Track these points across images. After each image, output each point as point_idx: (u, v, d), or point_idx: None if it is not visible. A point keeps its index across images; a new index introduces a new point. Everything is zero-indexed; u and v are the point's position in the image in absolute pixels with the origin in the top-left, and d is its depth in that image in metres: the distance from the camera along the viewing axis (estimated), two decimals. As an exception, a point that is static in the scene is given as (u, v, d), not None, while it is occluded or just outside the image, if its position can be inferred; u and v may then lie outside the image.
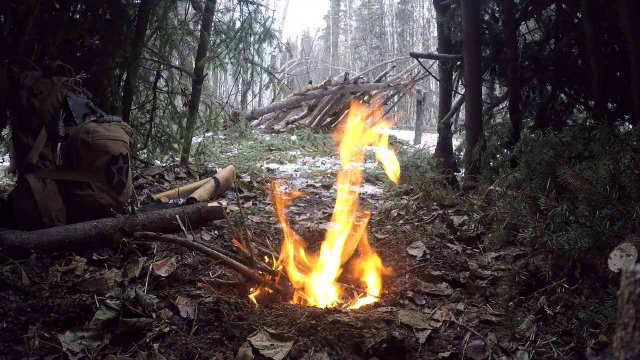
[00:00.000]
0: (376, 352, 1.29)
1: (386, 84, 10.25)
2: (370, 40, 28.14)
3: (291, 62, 17.18)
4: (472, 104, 3.29)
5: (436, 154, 4.68)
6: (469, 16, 3.25)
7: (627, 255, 1.29)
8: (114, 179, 2.28)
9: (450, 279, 1.81)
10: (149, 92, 4.11)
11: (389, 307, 1.58)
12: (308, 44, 29.61)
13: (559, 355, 1.30)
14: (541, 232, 1.57)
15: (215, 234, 2.32)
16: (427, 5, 26.14)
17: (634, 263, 1.22)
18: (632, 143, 1.71)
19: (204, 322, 1.41)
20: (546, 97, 4.05)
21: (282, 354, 1.27)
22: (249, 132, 8.87)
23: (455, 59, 4.11)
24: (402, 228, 2.52)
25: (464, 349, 1.35)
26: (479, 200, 2.61)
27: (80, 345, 1.28)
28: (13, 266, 1.66)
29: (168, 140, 4.21)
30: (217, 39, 4.42)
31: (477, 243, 2.21)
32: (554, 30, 3.87)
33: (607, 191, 1.56)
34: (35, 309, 1.41)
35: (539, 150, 2.30)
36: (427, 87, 14.36)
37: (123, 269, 1.73)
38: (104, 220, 2.02)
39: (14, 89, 2.19)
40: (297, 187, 4.23)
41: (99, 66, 3.30)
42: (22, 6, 2.49)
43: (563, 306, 1.52)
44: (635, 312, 0.44)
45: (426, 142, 9.79)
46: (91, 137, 2.21)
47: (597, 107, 3.14)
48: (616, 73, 3.43)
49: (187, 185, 3.34)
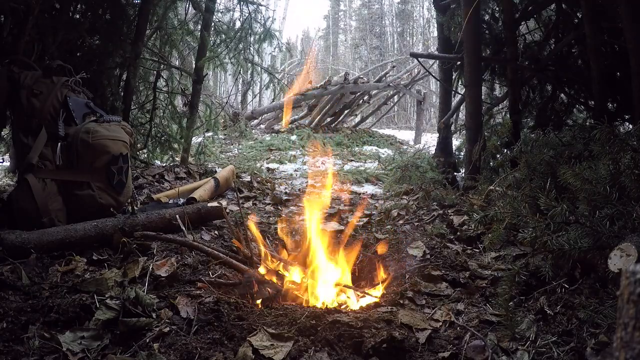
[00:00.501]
0: (376, 352, 1.29)
1: (386, 84, 10.24)
2: (370, 40, 28.14)
3: (291, 62, 17.18)
4: (472, 104, 3.29)
5: (436, 154, 4.68)
6: (468, 16, 3.25)
7: (627, 255, 1.29)
8: (114, 179, 2.28)
9: (450, 279, 1.81)
10: (149, 92, 4.11)
11: (389, 307, 1.58)
12: (308, 44, 29.61)
13: (559, 355, 1.30)
14: (541, 232, 1.57)
15: (215, 234, 2.32)
16: (427, 5, 26.16)
17: (634, 263, 1.22)
18: (632, 143, 1.71)
19: (204, 322, 1.41)
20: (546, 97, 4.05)
21: (282, 354, 1.27)
22: (249, 132, 8.87)
23: (455, 59, 4.11)
24: (402, 228, 2.52)
25: (464, 349, 1.35)
26: (479, 200, 2.61)
27: (80, 345, 1.28)
28: (13, 266, 1.66)
29: (168, 140, 4.20)
30: (217, 39, 4.42)
31: (477, 243, 2.21)
32: (554, 30, 3.87)
33: (607, 191, 1.56)
34: (35, 309, 1.41)
35: (539, 150, 2.30)
36: (427, 87, 14.35)
37: (123, 269, 1.73)
38: (104, 220, 2.02)
39: (14, 89, 2.19)
40: (297, 187, 4.23)
41: (99, 66, 3.30)
42: (22, 6, 2.49)
43: (563, 306, 1.52)
44: (635, 312, 0.44)
45: (426, 142, 9.78)
46: (91, 137, 2.21)
47: (597, 107, 3.14)
48: (616, 73, 3.43)
49: (187, 185, 3.34)
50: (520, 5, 3.88)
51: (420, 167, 4.20)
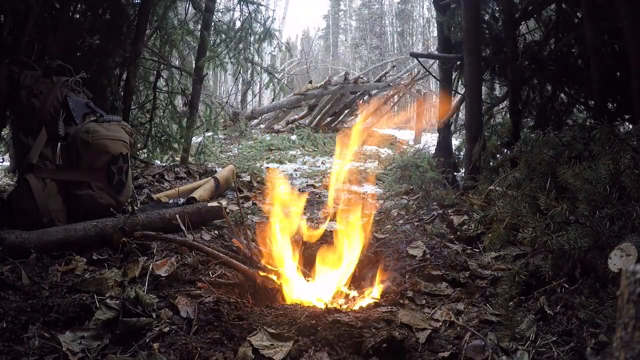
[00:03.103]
0: (376, 352, 1.29)
1: (386, 84, 10.24)
2: (370, 40, 28.13)
3: (291, 61, 17.17)
4: (472, 104, 3.29)
5: (436, 153, 4.67)
6: (469, 16, 3.24)
7: (627, 255, 1.29)
8: (114, 178, 2.28)
9: (450, 278, 1.81)
10: (149, 92, 4.11)
11: (389, 307, 1.58)
12: (308, 43, 29.61)
13: (559, 355, 1.30)
14: (541, 232, 1.57)
15: (215, 234, 2.32)
16: (427, 5, 26.13)
17: (634, 263, 1.22)
18: (632, 143, 1.71)
19: (204, 322, 1.41)
20: (546, 97, 4.04)
21: (282, 354, 1.27)
22: (248, 132, 8.86)
23: (455, 59, 4.11)
24: (402, 228, 2.52)
25: (464, 349, 1.35)
26: (479, 200, 2.61)
27: (80, 345, 1.28)
28: (13, 266, 1.66)
29: (168, 140, 4.21)
30: (217, 38, 4.42)
31: (477, 243, 2.21)
32: (554, 30, 3.87)
33: (607, 191, 1.56)
34: (35, 309, 1.41)
35: (539, 150, 2.30)
36: (427, 87, 14.35)
37: (123, 269, 1.73)
38: (104, 220, 2.02)
39: (14, 89, 2.19)
40: (297, 187, 4.23)
41: (99, 66, 3.30)
42: (22, 6, 2.49)
43: (563, 306, 1.52)
44: (635, 312, 0.44)
45: (426, 142, 9.77)
46: (91, 136, 2.21)
47: (597, 107, 3.14)
48: (616, 73, 3.43)
49: (187, 185, 3.34)
50: (520, 5, 3.88)
51: (420, 167, 4.20)
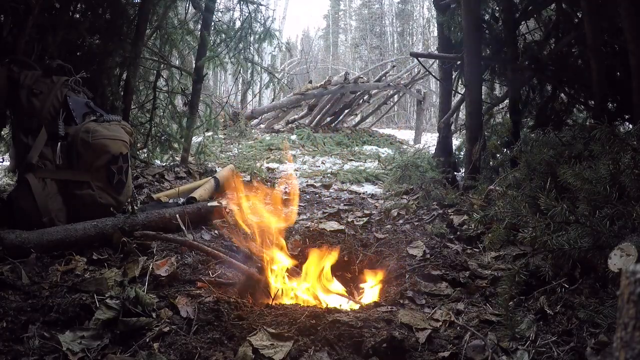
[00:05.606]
0: (376, 351, 1.29)
1: (386, 84, 10.24)
2: (370, 40, 28.13)
3: (291, 61, 17.17)
4: (472, 103, 3.29)
5: (436, 153, 4.68)
6: (469, 16, 3.24)
7: (627, 255, 1.29)
8: (114, 178, 2.28)
9: (450, 278, 1.81)
10: (149, 92, 4.10)
11: (389, 307, 1.58)
12: (308, 43, 29.59)
13: (559, 355, 1.30)
14: (541, 232, 1.57)
15: (215, 234, 2.32)
16: (427, 5, 26.13)
17: (634, 263, 1.22)
18: (632, 143, 1.71)
19: (204, 322, 1.41)
20: (546, 97, 4.04)
21: (282, 354, 1.27)
22: (248, 132, 8.86)
23: (455, 58, 4.11)
24: (402, 228, 2.52)
25: (464, 349, 1.35)
26: (479, 200, 2.61)
27: (80, 344, 1.28)
28: (13, 266, 1.66)
29: (168, 139, 4.20)
30: (217, 38, 4.41)
31: (477, 243, 2.21)
32: (554, 30, 3.87)
33: (607, 191, 1.56)
34: (35, 309, 1.41)
35: (539, 150, 2.30)
36: (427, 86, 14.35)
37: (123, 269, 1.73)
38: (104, 220, 2.02)
39: (14, 89, 2.19)
40: (297, 187, 4.23)
41: (99, 66, 3.29)
42: (22, 6, 2.49)
43: (563, 306, 1.52)
44: (635, 312, 0.44)
45: (426, 142, 9.78)
46: (91, 136, 2.21)
47: (597, 107, 3.13)
48: (616, 73, 3.43)
49: (187, 184, 3.34)
50: (520, 5, 3.88)
51: (420, 166, 4.20)
